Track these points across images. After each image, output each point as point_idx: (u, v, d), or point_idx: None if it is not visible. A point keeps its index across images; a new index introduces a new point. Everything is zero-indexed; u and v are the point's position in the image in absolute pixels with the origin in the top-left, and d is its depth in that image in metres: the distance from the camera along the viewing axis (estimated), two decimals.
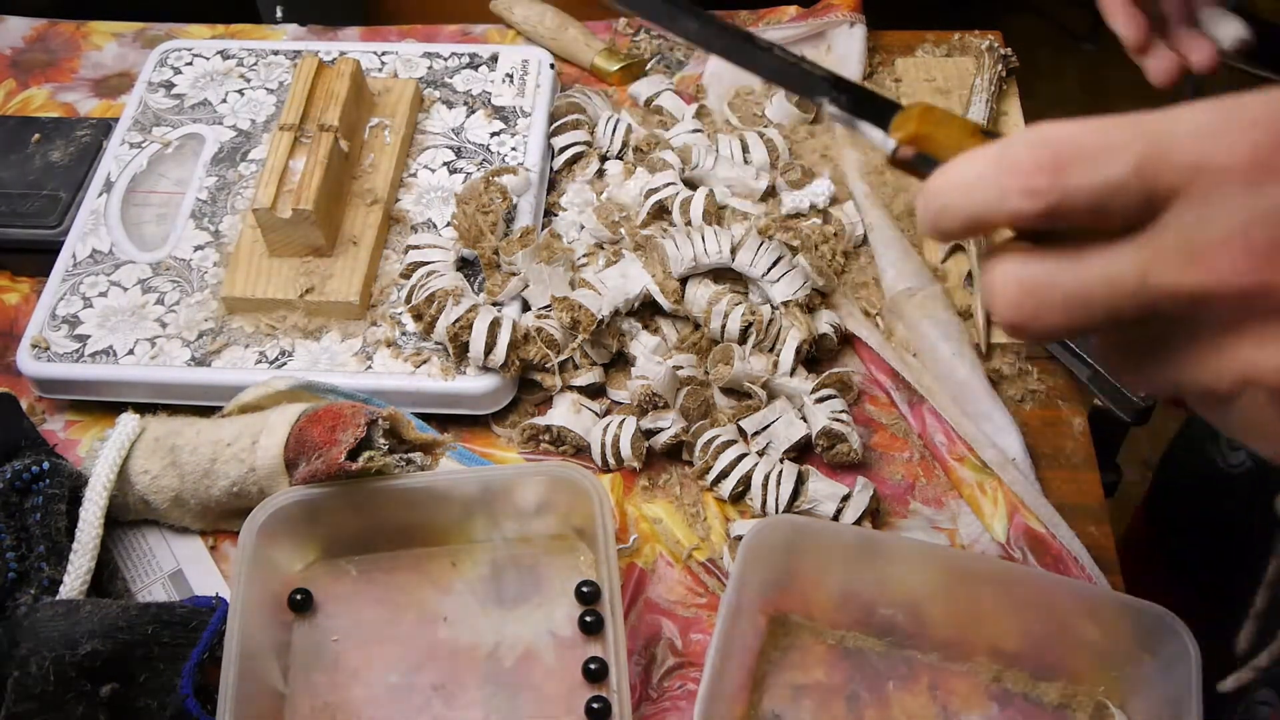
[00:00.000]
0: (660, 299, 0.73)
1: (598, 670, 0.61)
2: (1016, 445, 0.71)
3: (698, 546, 0.68)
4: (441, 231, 0.77)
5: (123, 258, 0.76)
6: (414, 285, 0.72)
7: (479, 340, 0.69)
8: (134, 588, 0.67)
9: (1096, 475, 0.72)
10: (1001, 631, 0.62)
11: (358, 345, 0.72)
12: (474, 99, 0.85)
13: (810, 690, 0.62)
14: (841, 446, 0.69)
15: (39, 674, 0.56)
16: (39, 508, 0.62)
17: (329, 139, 0.74)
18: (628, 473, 0.71)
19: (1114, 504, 0.74)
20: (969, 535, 0.69)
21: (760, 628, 0.64)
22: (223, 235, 0.77)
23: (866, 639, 0.64)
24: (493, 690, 0.62)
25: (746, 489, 0.68)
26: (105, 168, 0.81)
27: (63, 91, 0.92)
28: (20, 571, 0.60)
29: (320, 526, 0.63)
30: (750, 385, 0.70)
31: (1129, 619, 0.59)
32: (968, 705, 0.62)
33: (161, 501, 0.66)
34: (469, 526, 0.65)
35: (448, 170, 0.80)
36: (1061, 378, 0.75)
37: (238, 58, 0.88)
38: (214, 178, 0.80)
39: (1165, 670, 0.58)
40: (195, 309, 0.74)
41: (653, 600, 0.67)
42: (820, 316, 0.74)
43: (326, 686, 0.62)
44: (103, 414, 0.74)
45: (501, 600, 0.65)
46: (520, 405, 0.74)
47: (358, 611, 0.64)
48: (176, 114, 0.84)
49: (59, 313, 0.74)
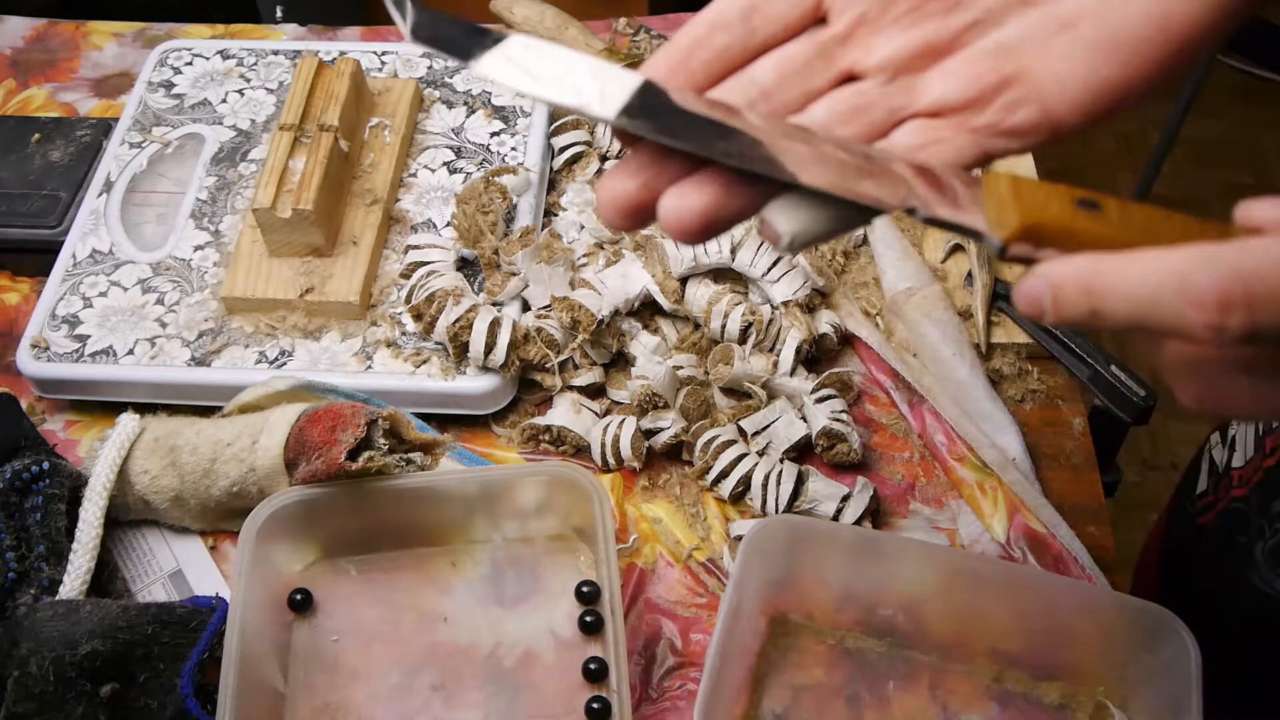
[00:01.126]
0: (660, 299, 0.73)
1: (598, 670, 0.61)
2: (1016, 445, 0.71)
3: (698, 546, 0.68)
4: (441, 231, 0.77)
5: (123, 258, 0.76)
6: (414, 285, 0.72)
7: (479, 340, 0.69)
8: (134, 588, 0.67)
9: (1096, 475, 0.72)
10: (1001, 631, 0.62)
11: (358, 345, 0.72)
12: (474, 99, 0.85)
13: (810, 690, 0.62)
14: (841, 446, 0.69)
15: (39, 674, 0.56)
16: (39, 508, 0.62)
17: (329, 139, 0.74)
18: (628, 473, 0.71)
19: (1114, 504, 0.74)
20: (969, 535, 0.69)
21: (760, 628, 0.64)
22: (223, 235, 0.77)
23: (866, 639, 0.64)
24: (493, 690, 0.62)
25: (746, 489, 0.68)
26: (105, 168, 0.81)
27: (63, 91, 0.92)
28: (20, 571, 0.60)
29: (320, 526, 0.63)
30: (750, 385, 0.70)
31: (1129, 619, 0.59)
32: (968, 705, 0.62)
33: (161, 501, 0.66)
34: (469, 526, 0.65)
35: (448, 170, 0.80)
36: (1061, 378, 0.75)
37: (238, 58, 0.88)
38: (214, 178, 0.80)
39: (1165, 670, 0.58)
40: (195, 309, 0.74)
41: (653, 600, 0.67)
42: (820, 316, 0.74)
43: (326, 686, 0.62)
44: (103, 414, 0.74)
45: (501, 600, 0.65)
46: (520, 405, 0.74)
47: (358, 611, 0.64)
48: (176, 114, 0.84)
49: (59, 313, 0.74)
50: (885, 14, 0.40)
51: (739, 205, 0.37)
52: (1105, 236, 0.34)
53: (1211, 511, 0.76)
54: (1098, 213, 0.34)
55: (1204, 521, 0.77)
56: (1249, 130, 2.28)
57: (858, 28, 0.40)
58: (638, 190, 0.37)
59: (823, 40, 0.40)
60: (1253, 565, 0.70)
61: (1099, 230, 0.34)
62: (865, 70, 0.40)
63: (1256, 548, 0.70)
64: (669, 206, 0.36)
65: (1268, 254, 0.31)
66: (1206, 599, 0.77)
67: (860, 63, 0.40)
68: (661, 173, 0.37)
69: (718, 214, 0.36)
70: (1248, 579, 0.70)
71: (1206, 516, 0.77)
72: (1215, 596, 0.75)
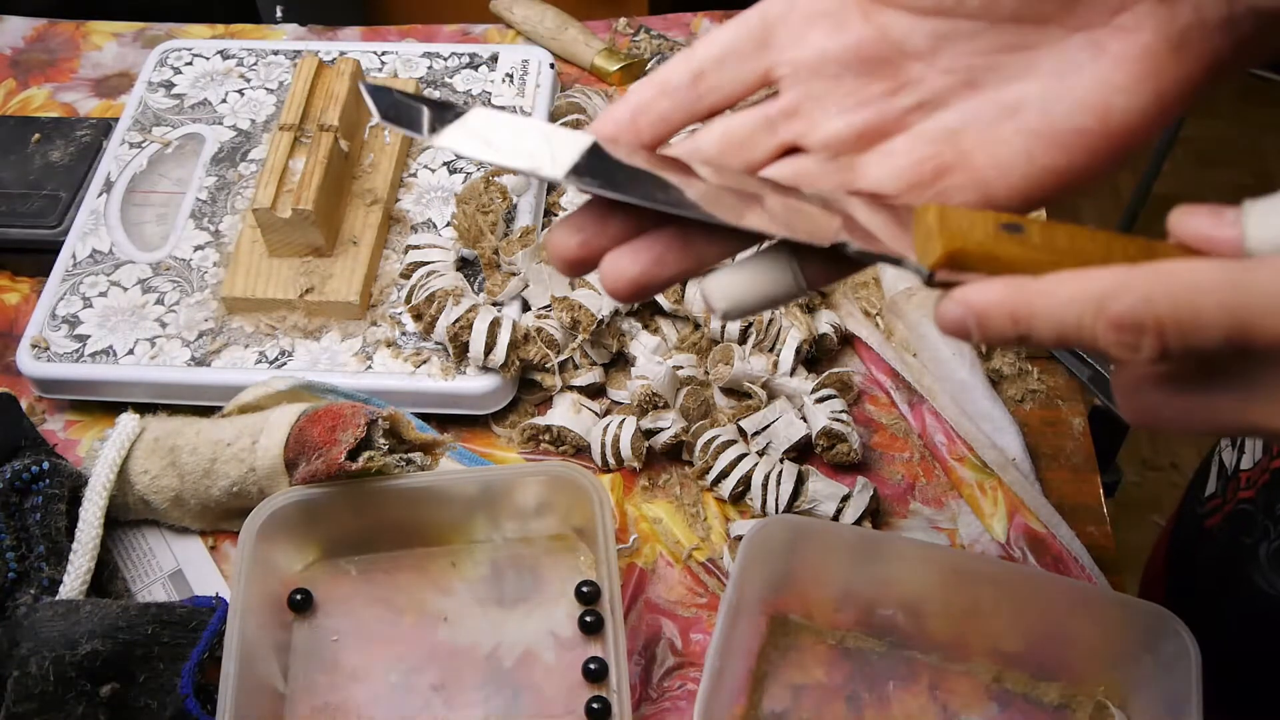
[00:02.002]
0: (660, 299, 0.73)
1: (598, 670, 0.61)
2: (1016, 445, 0.71)
3: (698, 546, 0.68)
4: (441, 231, 0.77)
5: (123, 258, 0.76)
6: (414, 285, 0.72)
7: (479, 340, 0.69)
8: (134, 588, 0.67)
9: (1096, 475, 0.72)
10: (1001, 631, 0.62)
11: (358, 345, 0.72)
12: (474, 99, 0.85)
13: (810, 690, 0.62)
14: (841, 446, 0.69)
15: (39, 674, 0.56)
16: (39, 508, 0.62)
17: (329, 139, 0.74)
18: (628, 473, 0.71)
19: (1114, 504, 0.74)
20: (969, 535, 0.69)
21: (760, 628, 0.64)
22: (223, 235, 0.77)
23: (866, 639, 0.64)
24: (493, 690, 0.62)
25: (746, 489, 0.68)
26: (105, 168, 0.81)
27: (63, 91, 0.92)
28: (20, 571, 0.60)
29: (320, 526, 0.63)
30: (750, 385, 0.70)
31: (1129, 619, 0.59)
32: (968, 705, 0.62)
33: (161, 501, 0.66)
34: (469, 526, 0.65)
35: (448, 170, 0.80)
36: (1061, 378, 0.75)
37: (238, 58, 0.88)
38: (214, 178, 0.80)
39: (1165, 670, 0.58)
40: (195, 309, 0.74)
41: (653, 600, 0.67)
42: (820, 316, 0.74)
43: (326, 686, 0.62)
44: (103, 414, 0.74)
45: (501, 600, 0.65)
46: (520, 405, 0.74)
47: (358, 611, 0.64)
48: (176, 114, 0.84)
49: (59, 313, 0.74)
50: (831, 91, 0.41)
51: (673, 271, 0.39)
52: (1028, 258, 0.35)
53: (1219, 514, 0.76)
54: (1021, 235, 0.35)
55: (1211, 524, 0.77)
56: (1249, 130, 2.28)
57: (804, 102, 0.41)
58: (578, 248, 0.39)
59: (769, 113, 0.41)
60: (1257, 566, 0.70)
61: (1021, 253, 0.35)
62: (808, 146, 0.41)
63: (1261, 549, 0.70)
64: (606, 270, 0.39)
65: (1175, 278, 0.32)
66: (1211, 600, 0.77)
67: (804, 137, 0.41)
68: (603, 230, 0.39)
69: (649, 280, 0.39)
70: (1252, 580, 0.70)
71: (1214, 519, 0.77)
72: (1220, 598, 0.75)
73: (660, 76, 0.41)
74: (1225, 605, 0.74)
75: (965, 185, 0.40)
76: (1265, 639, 0.71)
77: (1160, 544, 0.90)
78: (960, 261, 0.35)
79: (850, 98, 0.41)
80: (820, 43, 0.41)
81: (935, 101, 0.40)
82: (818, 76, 0.41)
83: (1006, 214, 0.36)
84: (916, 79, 0.40)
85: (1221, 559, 0.75)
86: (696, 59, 0.41)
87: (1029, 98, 0.39)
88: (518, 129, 0.38)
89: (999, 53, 0.40)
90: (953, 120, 0.40)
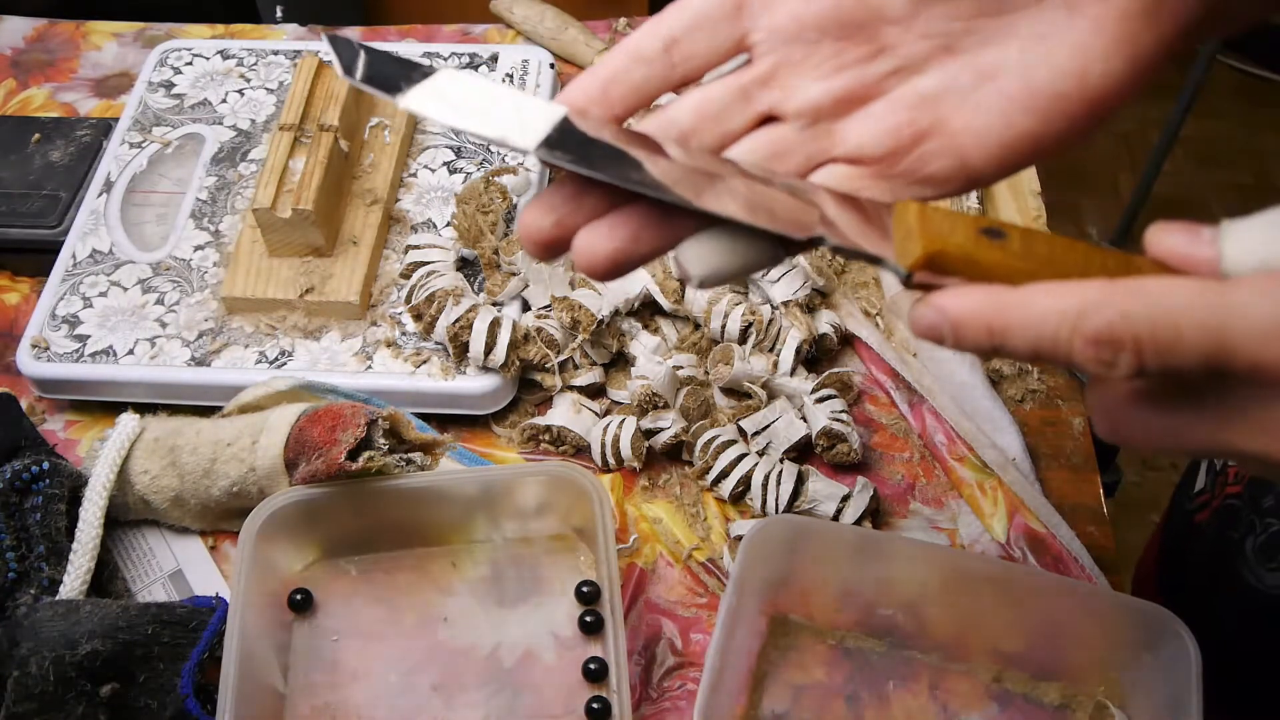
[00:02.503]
0: (660, 299, 0.73)
1: (598, 670, 0.61)
2: (1016, 445, 0.71)
3: (698, 546, 0.68)
4: (441, 231, 0.77)
5: (123, 258, 0.76)
6: (414, 285, 0.72)
7: (479, 340, 0.69)
8: (134, 588, 0.67)
9: (1096, 475, 0.72)
10: (1001, 631, 0.62)
11: (358, 345, 0.72)
12: None
13: (810, 690, 0.62)
14: (841, 446, 0.69)
15: (39, 674, 0.56)
16: (39, 508, 0.62)
17: (329, 139, 0.74)
18: (628, 473, 0.71)
19: (1114, 504, 0.74)
20: (969, 535, 0.69)
21: (760, 628, 0.64)
22: (223, 235, 0.77)
23: (866, 639, 0.64)
24: (493, 690, 0.62)
25: (746, 489, 0.68)
26: (105, 168, 0.81)
27: (62, 91, 0.92)
28: (20, 571, 0.60)
29: (320, 526, 0.63)
30: (750, 385, 0.70)
31: (1129, 619, 0.59)
32: (968, 705, 0.62)
33: (161, 501, 0.66)
34: (469, 526, 0.65)
35: (448, 170, 0.80)
36: (1061, 378, 0.75)
37: (238, 58, 0.88)
38: (214, 178, 0.80)
39: (1165, 670, 0.58)
40: (195, 309, 0.74)
41: (653, 600, 0.67)
42: (820, 316, 0.74)
43: (326, 686, 0.62)
44: (103, 414, 0.74)
45: (501, 600, 0.65)
46: (520, 405, 0.74)
47: (358, 611, 0.64)
48: (176, 114, 0.84)
49: (59, 313, 0.74)
50: (808, 58, 0.40)
51: (649, 247, 0.38)
52: (1007, 266, 0.35)
53: (1208, 509, 0.77)
54: (1001, 241, 0.35)
55: (1201, 519, 0.78)
56: (1249, 130, 2.28)
57: (779, 69, 0.40)
58: (551, 228, 0.38)
59: (744, 82, 0.41)
60: (1244, 561, 0.71)
61: (1001, 259, 0.35)
62: (784, 114, 0.41)
63: (1247, 543, 0.70)
64: (579, 247, 0.38)
65: (1154, 296, 0.32)
66: (1201, 596, 0.77)
67: (780, 105, 0.41)
68: (578, 209, 0.38)
69: (625, 257, 0.38)
70: (1240, 575, 0.71)
71: (1203, 514, 0.77)
72: (1210, 593, 0.76)
73: (631, 45, 0.40)
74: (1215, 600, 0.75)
75: (943, 150, 0.40)
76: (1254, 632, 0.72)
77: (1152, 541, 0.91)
78: (939, 264, 0.35)
79: (827, 64, 0.40)
80: (796, 8, 0.40)
81: (912, 67, 0.40)
82: (794, 42, 0.40)
83: (987, 219, 0.36)
84: (894, 44, 0.40)
85: (1210, 554, 0.75)
86: (668, 26, 0.40)
87: (1007, 63, 0.39)
88: (488, 95, 0.37)
89: (976, 18, 0.39)
90: (930, 85, 0.40)
